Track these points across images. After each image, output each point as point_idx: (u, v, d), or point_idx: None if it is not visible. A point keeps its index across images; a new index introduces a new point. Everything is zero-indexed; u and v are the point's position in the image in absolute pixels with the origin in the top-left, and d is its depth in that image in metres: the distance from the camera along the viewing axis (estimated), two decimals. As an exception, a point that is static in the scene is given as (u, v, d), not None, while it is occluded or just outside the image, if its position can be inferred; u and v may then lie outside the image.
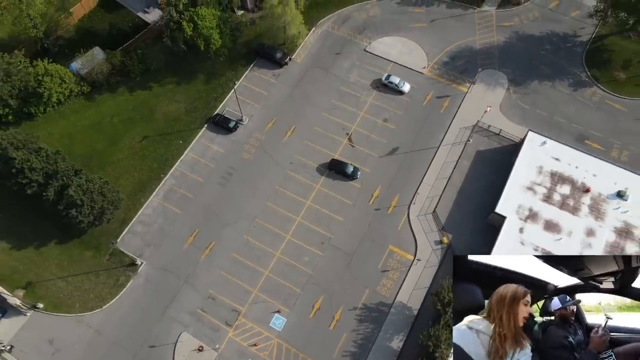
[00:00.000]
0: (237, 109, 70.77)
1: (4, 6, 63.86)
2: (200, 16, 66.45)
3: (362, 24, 79.63)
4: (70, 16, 74.12)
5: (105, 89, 74.00)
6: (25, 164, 60.45)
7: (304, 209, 64.36)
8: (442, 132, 69.30)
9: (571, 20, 78.38)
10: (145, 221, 64.42)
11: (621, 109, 70.30)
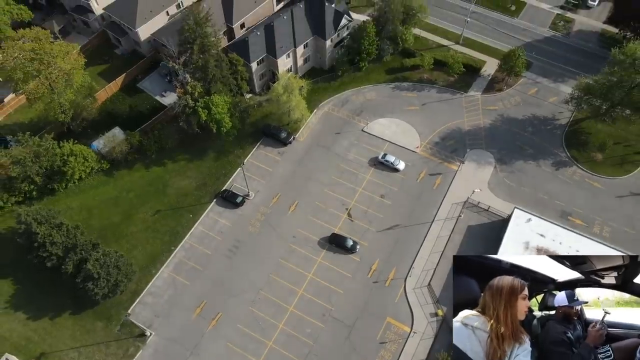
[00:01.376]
0: (245, 184, 76.38)
1: (38, 97, 70.80)
2: (214, 103, 73.66)
3: (360, 107, 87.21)
4: (95, 101, 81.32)
5: (123, 165, 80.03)
6: (47, 238, 65.05)
7: (306, 281, 68.16)
8: (435, 208, 74.44)
9: (550, 105, 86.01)
10: (156, 292, 67.99)
11: (600, 187, 75.93)
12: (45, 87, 70.22)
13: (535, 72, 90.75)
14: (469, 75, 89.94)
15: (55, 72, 69.38)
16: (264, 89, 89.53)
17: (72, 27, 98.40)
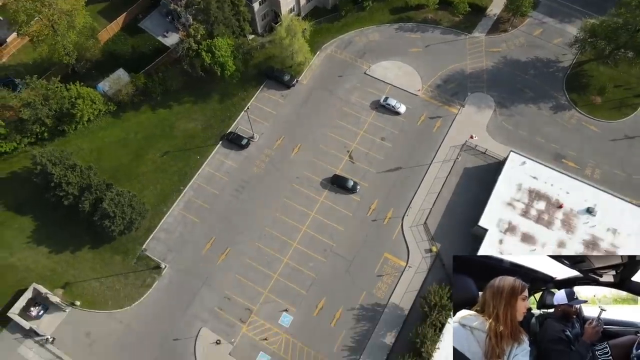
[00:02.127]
0: (249, 127, 78.48)
1: (42, 39, 71.21)
2: (217, 46, 74.01)
3: (363, 48, 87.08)
4: (98, 42, 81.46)
5: (129, 107, 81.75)
6: (62, 179, 68.57)
7: (309, 219, 72.23)
8: (434, 151, 76.90)
9: (554, 46, 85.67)
10: (168, 229, 72.42)
11: (596, 131, 77.77)
12: (48, 29, 70.45)
13: (542, 11, 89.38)
14: (475, 14, 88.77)
15: (57, 14, 69.31)
16: (266, 29, 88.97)
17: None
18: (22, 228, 72.71)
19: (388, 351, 62.43)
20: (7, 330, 65.04)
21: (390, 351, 62.34)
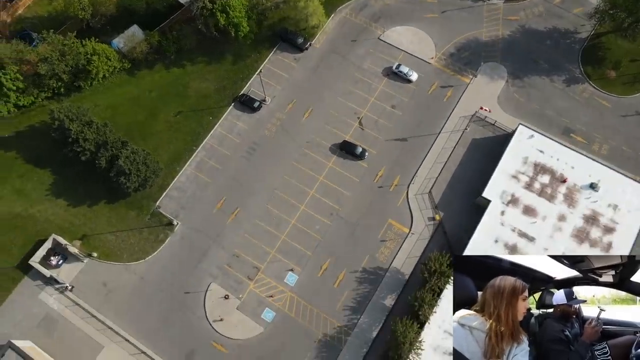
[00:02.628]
0: (262, 89, 79.21)
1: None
2: (231, 6, 73.70)
3: (378, 12, 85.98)
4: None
5: (143, 65, 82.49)
6: (79, 135, 70.73)
7: (317, 183, 74.21)
8: (443, 120, 77.49)
9: (573, 16, 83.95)
10: (180, 187, 74.93)
11: (607, 106, 77.56)
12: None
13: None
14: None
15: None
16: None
17: None
18: (41, 180, 75.62)
19: (387, 312, 65.81)
20: (28, 277, 69.13)
21: (390, 312, 65.71)
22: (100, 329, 66.36)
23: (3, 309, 67.60)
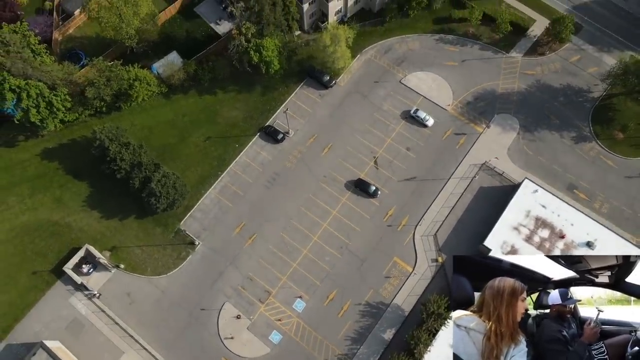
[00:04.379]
0: (286, 122, 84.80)
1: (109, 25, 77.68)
2: (264, 47, 79.53)
3: (402, 56, 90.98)
4: (157, 27, 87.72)
5: (179, 90, 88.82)
6: (117, 154, 77.24)
7: (330, 217, 79.54)
8: (454, 166, 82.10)
9: (588, 75, 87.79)
10: (204, 209, 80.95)
11: (612, 166, 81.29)
12: (116, 17, 77.06)
13: (583, 37, 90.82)
14: (515, 34, 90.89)
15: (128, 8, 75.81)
16: (312, 27, 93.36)
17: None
18: (79, 192, 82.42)
19: (385, 346, 70.79)
20: (61, 281, 75.78)
21: (388, 346, 70.65)
22: (121, 336, 72.64)
23: (37, 308, 74.39)
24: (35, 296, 75.21)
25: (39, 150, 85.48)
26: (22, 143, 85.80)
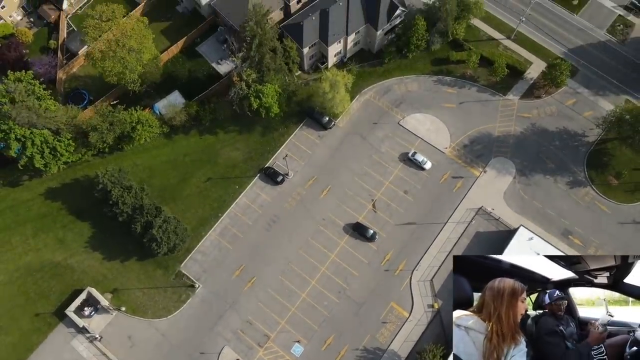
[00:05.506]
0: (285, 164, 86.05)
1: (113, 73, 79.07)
2: (264, 93, 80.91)
3: (400, 97, 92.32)
4: (160, 70, 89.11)
5: (180, 130, 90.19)
6: (119, 198, 78.58)
7: (329, 260, 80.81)
8: (451, 210, 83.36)
9: (583, 119, 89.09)
10: (204, 252, 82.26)
11: (606, 212, 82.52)
12: (119, 66, 78.46)
13: (579, 81, 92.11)
14: (512, 77, 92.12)
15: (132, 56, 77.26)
16: (312, 67, 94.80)
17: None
18: (81, 232, 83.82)
19: (381, 394, 72.10)
20: (63, 324, 77.19)
21: (383, 394, 71.99)
22: (122, 380, 74.06)
23: (39, 351, 75.73)
24: (37, 338, 76.56)
25: (43, 190, 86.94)
26: (25, 183, 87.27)
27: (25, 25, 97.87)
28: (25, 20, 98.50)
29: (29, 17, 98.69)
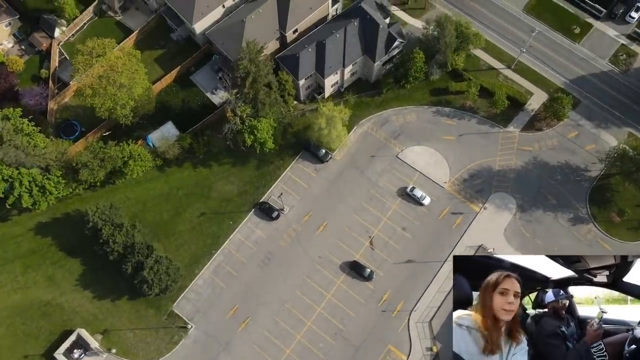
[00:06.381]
0: (282, 198, 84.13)
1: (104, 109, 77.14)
2: (258, 129, 78.97)
3: (398, 129, 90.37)
4: (152, 103, 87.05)
5: (173, 163, 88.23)
6: (110, 237, 76.60)
7: (325, 300, 78.86)
8: (450, 248, 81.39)
9: (586, 153, 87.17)
10: (197, 290, 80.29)
11: (609, 249, 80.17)
12: (111, 101, 76.54)
13: (581, 112, 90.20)
14: (513, 108, 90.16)
15: (123, 92, 75.39)
16: (308, 97, 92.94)
17: (130, 2, 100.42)
18: (71, 270, 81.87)
19: None
20: (52, 367, 75.28)
21: None
22: None
23: (27, 396, 73.80)
24: (25, 383, 74.66)
25: (33, 225, 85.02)
26: (15, 217, 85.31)
27: (16, 53, 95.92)
28: (16, 48, 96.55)
29: (20, 44, 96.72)
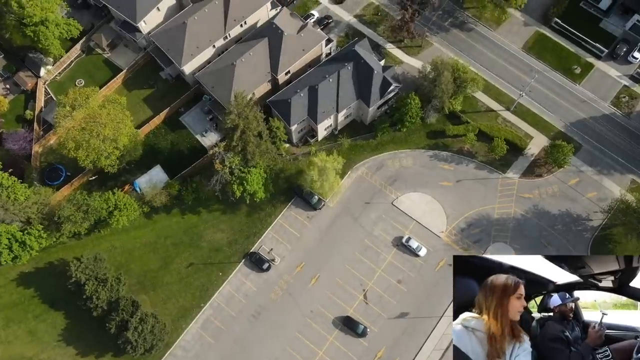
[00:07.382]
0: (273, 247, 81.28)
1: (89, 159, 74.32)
2: (248, 181, 76.14)
3: (394, 174, 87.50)
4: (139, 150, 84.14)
5: (161, 209, 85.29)
6: (94, 293, 73.71)
7: (317, 358, 75.90)
8: (447, 302, 78.39)
9: (587, 201, 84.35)
10: (185, 347, 77.40)
11: (612, 306, 77.67)
12: (94, 153, 73.77)
13: (582, 158, 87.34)
14: (512, 152, 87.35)
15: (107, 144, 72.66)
16: (301, 140, 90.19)
17: (119, 39, 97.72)
18: (54, 324, 78.99)
19: None
20: None
21: None
22: None
23: None
24: None
25: (15, 275, 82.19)
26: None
27: (0, 92, 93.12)
28: (1, 87, 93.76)
29: (5, 83, 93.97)
